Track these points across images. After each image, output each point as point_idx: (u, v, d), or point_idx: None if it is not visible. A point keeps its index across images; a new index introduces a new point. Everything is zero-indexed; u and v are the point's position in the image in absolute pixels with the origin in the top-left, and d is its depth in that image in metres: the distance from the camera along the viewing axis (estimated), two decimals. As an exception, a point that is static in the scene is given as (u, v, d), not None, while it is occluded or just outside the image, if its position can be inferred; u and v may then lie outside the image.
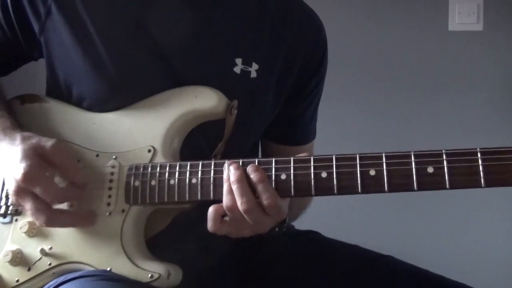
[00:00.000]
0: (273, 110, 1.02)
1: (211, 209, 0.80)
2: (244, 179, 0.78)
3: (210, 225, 0.80)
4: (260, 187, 0.78)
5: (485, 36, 2.22)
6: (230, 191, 0.78)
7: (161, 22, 0.93)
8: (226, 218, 0.80)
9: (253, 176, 0.78)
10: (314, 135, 1.14)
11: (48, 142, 0.84)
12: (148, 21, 0.93)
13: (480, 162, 0.72)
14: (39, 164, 0.82)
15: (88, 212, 0.87)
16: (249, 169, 0.79)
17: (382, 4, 2.25)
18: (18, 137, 0.86)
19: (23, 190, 0.81)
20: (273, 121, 1.04)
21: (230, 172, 0.79)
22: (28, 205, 0.82)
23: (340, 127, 2.19)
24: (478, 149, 0.72)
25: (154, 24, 0.93)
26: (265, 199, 0.77)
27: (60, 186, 0.84)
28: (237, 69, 0.95)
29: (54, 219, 0.83)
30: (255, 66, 0.96)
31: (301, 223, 1.09)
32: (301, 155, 0.80)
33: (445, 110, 2.21)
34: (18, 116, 0.95)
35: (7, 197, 0.92)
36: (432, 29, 2.23)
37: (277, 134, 1.08)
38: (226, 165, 0.80)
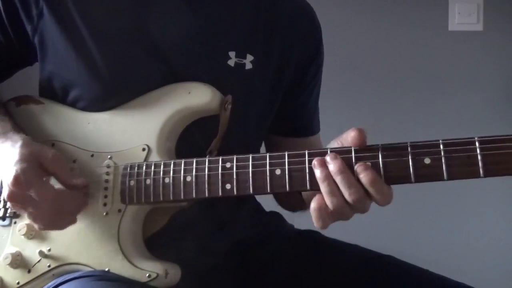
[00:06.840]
0: (273, 103, 1.02)
1: (314, 206, 0.75)
2: (346, 168, 0.73)
3: (320, 223, 0.76)
4: (371, 183, 0.73)
5: (485, 36, 2.22)
6: (332, 191, 0.73)
7: (157, 19, 0.93)
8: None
9: (360, 172, 0.73)
10: (319, 127, 1.13)
11: (49, 152, 0.83)
12: (143, 18, 0.93)
13: (478, 151, 0.69)
14: (34, 168, 0.81)
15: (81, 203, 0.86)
16: (335, 163, 0.73)
17: (382, 4, 2.25)
18: (20, 140, 0.85)
19: (15, 194, 0.79)
20: (277, 114, 1.04)
21: (328, 163, 0.74)
22: (27, 210, 0.81)
23: (339, 126, 2.18)
24: (476, 138, 0.70)
25: (150, 21, 0.92)
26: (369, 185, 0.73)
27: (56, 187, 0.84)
28: (231, 62, 0.94)
29: (53, 221, 0.83)
30: (249, 58, 0.95)
31: (301, 223, 1.08)
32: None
33: (445, 110, 2.21)
34: (14, 118, 0.95)
35: (5, 200, 0.92)
36: (432, 29, 2.23)
37: (283, 126, 1.08)
38: (315, 162, 0.75)
